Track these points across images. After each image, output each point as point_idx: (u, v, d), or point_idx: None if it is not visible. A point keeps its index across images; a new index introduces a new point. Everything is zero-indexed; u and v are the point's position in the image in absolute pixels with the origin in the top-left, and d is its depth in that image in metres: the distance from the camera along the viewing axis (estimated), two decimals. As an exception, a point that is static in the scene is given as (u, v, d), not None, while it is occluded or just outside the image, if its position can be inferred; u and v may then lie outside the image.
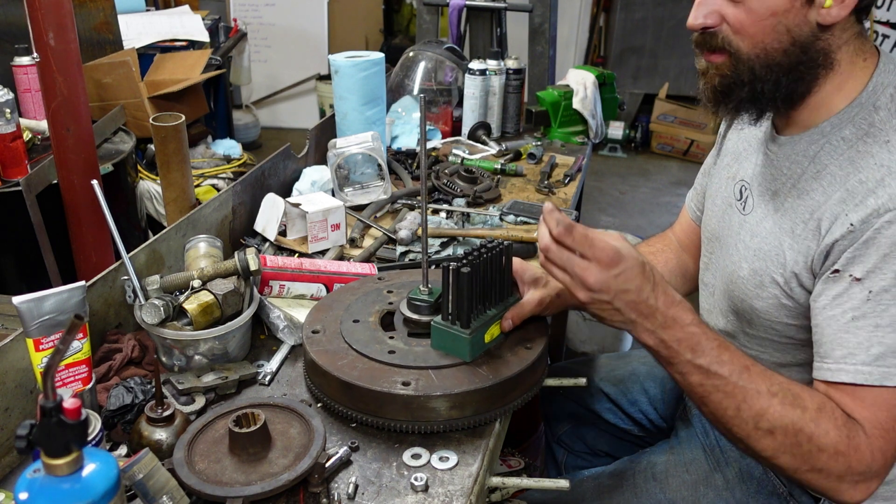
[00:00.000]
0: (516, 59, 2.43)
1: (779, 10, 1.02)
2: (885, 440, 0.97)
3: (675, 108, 5.48)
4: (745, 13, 1.03)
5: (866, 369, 0.98)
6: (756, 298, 1.16)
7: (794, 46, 1.04)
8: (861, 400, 0.99)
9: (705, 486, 1.28)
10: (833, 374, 1.00)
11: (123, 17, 3.16)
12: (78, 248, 1.89)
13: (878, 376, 0.97)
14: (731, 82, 1.08)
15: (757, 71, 1.06)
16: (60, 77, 1.71)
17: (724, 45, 1.07)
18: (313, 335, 1.19)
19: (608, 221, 4.45)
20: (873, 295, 0.97)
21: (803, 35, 1.03)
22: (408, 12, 6.24)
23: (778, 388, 1.01)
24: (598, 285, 0.99)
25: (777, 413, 0.99)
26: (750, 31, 1.04)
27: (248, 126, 5.29)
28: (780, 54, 1.04)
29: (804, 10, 1.02)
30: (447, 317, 1.13)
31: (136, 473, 0.89)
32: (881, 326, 0.97)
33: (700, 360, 1.01)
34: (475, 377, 1.09)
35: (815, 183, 1.08)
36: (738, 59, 1.07)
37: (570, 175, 2.11)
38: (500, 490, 1.22)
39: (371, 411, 1.08)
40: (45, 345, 1.04)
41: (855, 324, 0.99)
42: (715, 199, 1.33)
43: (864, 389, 0.98)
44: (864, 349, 0.98)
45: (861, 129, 1.05)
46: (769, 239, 1.14)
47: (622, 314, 1.02)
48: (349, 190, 1.90)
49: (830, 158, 1.07)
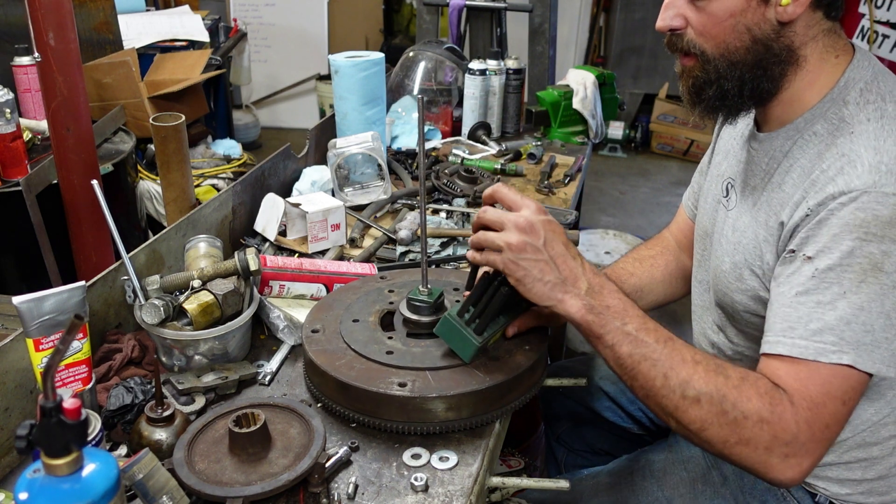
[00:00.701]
0: (516, 59, 2.43)
1: (736, 10, 1.05)
2: (813, 413, 0.97)
3: (675, 108, 5.48)
4: (706, 16, 1.07)
5: (802, 343, 0.98)
6: (736, 292, 1.18)
7: (756, 44, 1.06)
8: (795, 373, 0.99)
9: (703, 484, 1.28)
10: (771, 346, 1.02)
11: (123, 17, 3.16)
12: (78, 248, 1.89)
13: (812, 351, 0.98)
14: (701, 83, 1.12)
15: (721, 70, 1.09)
16: (60, 77, 1.71)
17: (691, 49, 1.10)
18: (313, 335, 1.19)
19: (608, 221, 4.45)
20: (819, 272, 0.99)
21: (763, 33, 1.06)
22: (408, 12, 6.24)
23: (701, 357, 1.02)
24: (528, 225, 1.03)
25: (702, 380, 0.99)
26: (712, 33, 1.07)
27: (248, 126, 5.29)
28: (743, 52, 1.07)
29: (761, 8, 1.04)
30: (464, 315, 1.11)
31: (136, 473, 0.89)
32: (822, 303, 0.98)
33: (628, 327, 1.03)
34: (472, 379, 1.09)
35: (787, 176, 1.10)
36: (706, 60, 1.10)
37: (570, 175, 2.11)
38: (500, 490, 1.22)
39: (369, 412, 1.08)
40: (45, 345, 1.04)
41: (798, 299, 1.00)
42: (707, 198, 1.36)
43: (799, 363, 0.98)
44: (804, 324, 0.99)
45: (832, 124, 1.07)
46: (747, 233, 1.16)
47: (552, 270, 1.03)
48: (349, 190, 1.90)
49: (802, 152, 1.09)
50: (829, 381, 0.97)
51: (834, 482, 1.17)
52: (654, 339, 1.02)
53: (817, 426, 0.97)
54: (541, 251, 1.03)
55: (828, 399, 0.97)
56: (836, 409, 0.98)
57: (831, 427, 0.98)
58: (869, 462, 1.15)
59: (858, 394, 1.00)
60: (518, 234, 1.03)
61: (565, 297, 1.04)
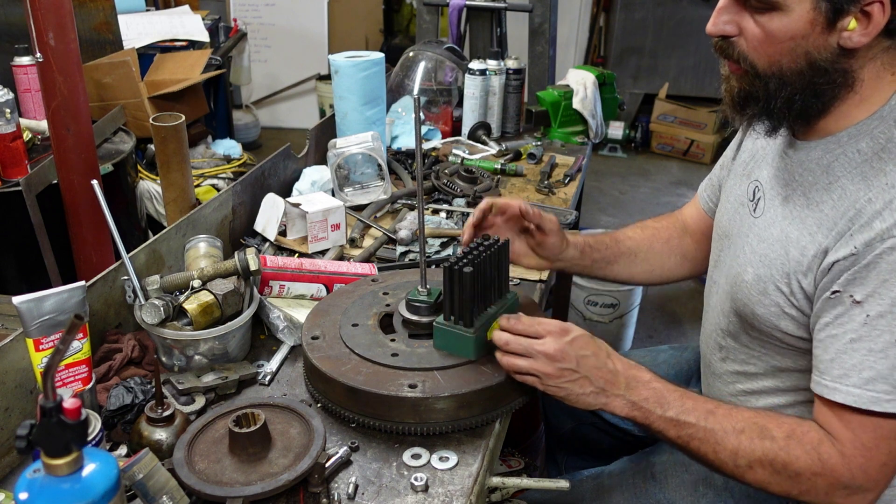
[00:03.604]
0: (516, 59, 2.43)
1: (798, 34, 0.99)
2: (866, 458, 1.00)
3: (675, 108, 5.48)
4: (763, 32, 1.01)
5: (857, 391, 0.99)
6: (758, 304, 1.15)
7: (812, 68, 1.01)
8: (847, 421, 1.01)
9: (704, 486, 1.28)
10: (830, 392, 1.02)
11: (123, 17, 3.16)
12: (78, 248, 1.89)
13: (866, 400, 0.98)
14: (746, 95, 1.08)
15: (771, 89, 1.04)
16: (60, 77, 1.71)
17: (740, 60, 1.05)
18: (313, 341, 1.19)
19: (608, 221, 4.45)
20: (870, 319, 0.98)
21: (822, 57, 1.00)
22: (408, 12, 6.23)
23: (743, 425, 1.05)
24: (558, 353, 1.05)
25: (748, 448, 1.04)
26: (767, 51, 1.02)
27: (248, 126, 5.29)
28: (797, 75, 1.02)
29: (825, 34, 0.99)
30: (449, 317, 1.13)
31: (136, 473, 0.89)
32: (874, 351, 0.98)
33: (669, 413, 1.07)
34: (481, 376, 1.09)
35: (826, 195, 1.06)
36: (755, 76, 1.05)
37: (570, 175, 2.11)
38: (500, 490, 1.22)
39: (378, 415, 1.08)
40: (45, 345, 1.04)
41: (852, 346, 1.00)
42: (729, 196, 1.32)
43: (853, 412, 1.00)
44: (857, 372, 0.99)
45: (878, 143, 1.03)
46: (776, 246, 1.13)
47: (591, 382, 1.07)
48: (349, 190, 1.90)
49: (844, 170, 1.05)
50: (882, 426, 0.99)
51: None
52: (696, 419, 1.06)
53: (872, 468, 1.00)
54: (576, 371, 1.07)
55: (881, 441, 1.00)
56: (890, 448, 1.00)
57: (888, 465, 1.01)
58: None
59: None
60: (550, 363, 1.06)
61: (609, 401, 1.09)
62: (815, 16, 0.97)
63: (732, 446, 1.05)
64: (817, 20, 0.98)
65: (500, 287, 1.18)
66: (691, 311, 3.48)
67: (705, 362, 1.38)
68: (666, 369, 1.61)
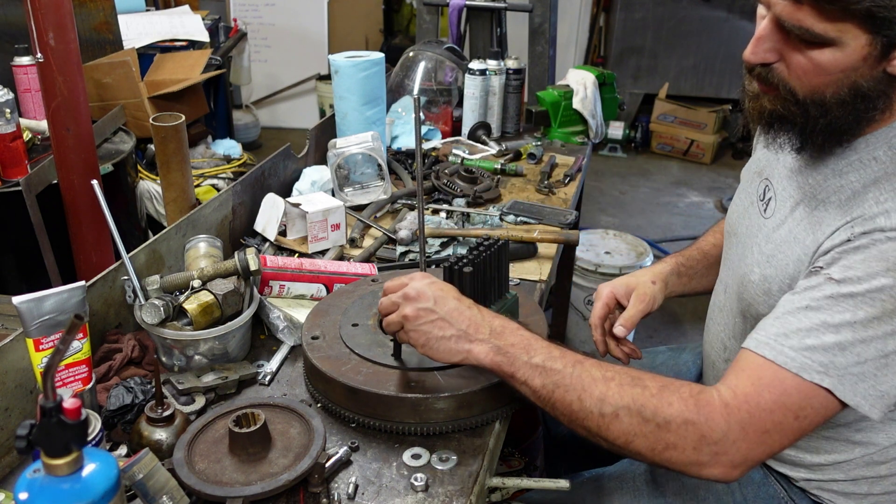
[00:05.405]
0: (516, 59, 2.43)
1: (849, 67, 0.96)
2: (751, 416, 0.95)
3: (675, 108, 5.48)
4: (809, 63, 0.98)
5: (791, 353, 0.96)
6: (763, 305, 1.14)
7: (854, 95, 0.99)
8: (757, 378, 0.97)
9: (705, 490, 1.28)
10: (758, 346, 0.99)
11: (123, 17, 3.16)
12: (78, 248, 1.89)
13: (796, 364, 0.95)
14: (780, 117, 1.05)
15: (810, 115, 1.02)
16: (60, 77, 1.71)
17: (779, 86, 1.02)
18: (313, 341, 1.19)
19: (608, 221, 4.45)
20: (838, 295, 0.96)
21: (868, 85, 0.98)
22: (408, 12, 6.24)
23: (613, 373, 1.01)
24: (413, 292, 1.06)
25: (616, 394, 0.98)
26: (812, 82, 0.99)
27: (248, 126, 5.29)
28: (838, 103, 1.00)
29: (875, 65, 0.96)
30: None
31: (136, 473, 0.89)
32: (828, 325, 0.95)
33: (535, 359, 1.02)
34: (481, 376, 1.09)
35: (835, 196, 1.06)
36: (793, 102, 1.02)
37: (570, 175, 2.11)
38: (500, 490, 1.22)
39: (378, 415, 1.08)
40: (45, 345, 1.04)
41: (806, 312, 0.97)
42: (741, 193, 1.31)
43: (771, 368, 0.96)
44: (801, 337, 0.96)
45: (895, 151, 1.02)
46: (783, 247, 1.12)
47: (451, 325, 1.04)
48: (349, 190, 1.90)
49: (857, 175, 1.04)
50: (789, 394, 0.95)
51: (839, 495, 1.17)
52: (562, 366, 1.01)
53: (753, 430, 0.95)
54: (433, 311, 1.05)
55: (778, 407, 0.95)
56: (784, 419, 0.96)
57: (772, 434, 0.96)
58: (876, 479, 1.14)
59: (822, 418, 0.97)
60: (409, 304, 1.06)
61: (472, 346, 1.04)
62: (871, 50, 0.95)
63: (600, 392, 0.98)
64: (871, 54, 0.95)
65: (500, 287, 1.18)
66: (691, 312, 3.48)
67: (709, 363, 1.37)
68: (664, 371, 1.61)
